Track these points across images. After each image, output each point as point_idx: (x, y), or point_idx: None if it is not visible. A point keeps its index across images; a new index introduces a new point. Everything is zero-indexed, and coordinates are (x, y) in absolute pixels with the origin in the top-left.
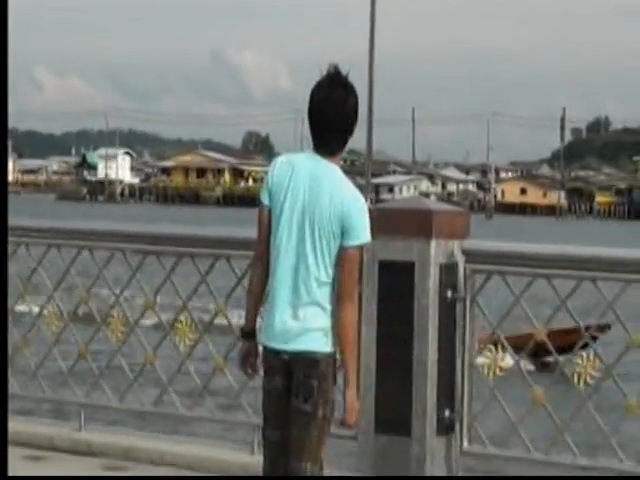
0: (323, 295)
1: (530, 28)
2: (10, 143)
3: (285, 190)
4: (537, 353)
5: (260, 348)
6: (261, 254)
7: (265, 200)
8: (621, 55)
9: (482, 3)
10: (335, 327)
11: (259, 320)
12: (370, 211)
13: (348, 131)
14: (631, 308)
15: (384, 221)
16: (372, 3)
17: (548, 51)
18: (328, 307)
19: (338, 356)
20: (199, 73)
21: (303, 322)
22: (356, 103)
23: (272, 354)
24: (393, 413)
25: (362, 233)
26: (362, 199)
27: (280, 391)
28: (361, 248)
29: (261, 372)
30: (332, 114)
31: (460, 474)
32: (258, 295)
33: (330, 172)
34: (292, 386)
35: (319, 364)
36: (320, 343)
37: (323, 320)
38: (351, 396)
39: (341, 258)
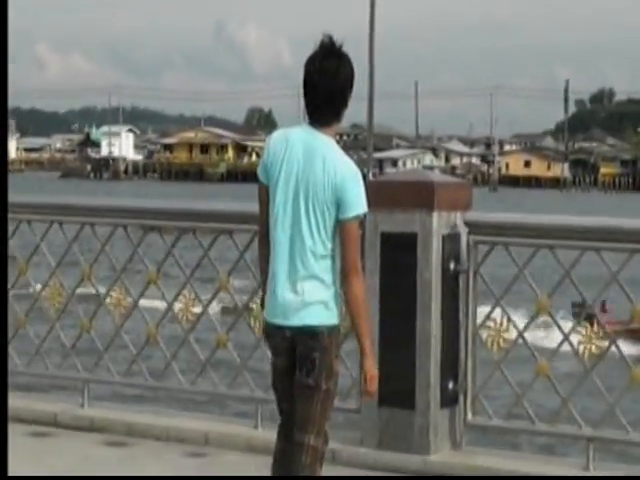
0: (321, 268)
1: None
2: (13, 122)
3: (280, 164)
4: None
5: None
6: (263, 233)
7: (262, 177)
8: (625, 26)
9: None
10: (337, 299)
11: None
12: (372, 183)
13: (341, 101)
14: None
15: (386, 193)
16: None
17: (551, 22)
18: (327, 280)
19: (342, 330)
20: (201, 49)
21: (302, 296)
22: (350, 73)
23: (275, 330)
24: (396, 386)
25: (357, 204)
26: (356, 169)
27: (285, 366)
28: (359, 219)
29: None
30: (324, 84)
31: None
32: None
33: (324, 143)
34: (296, 360)
35: (320, 337)
36: (321, 316)
37: (323, 293)
38: (369, 365)
39: (340, 231)
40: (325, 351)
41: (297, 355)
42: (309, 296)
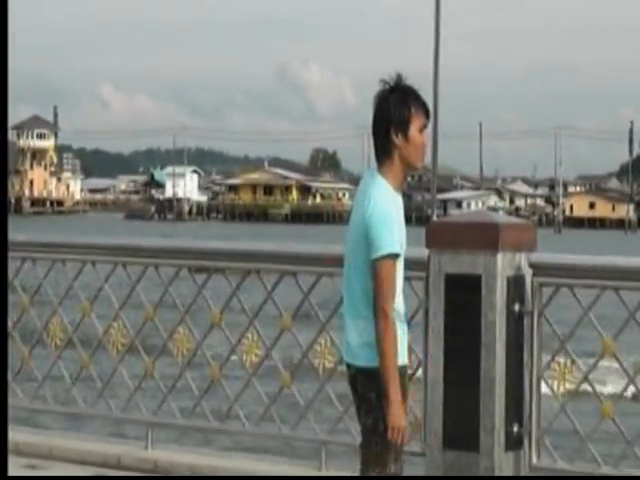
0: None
1: (595, 40)
2: (78, 162)
3: (354, 205)
4: None
5: None
6: None
7: None
8: None
9: (544, 18)
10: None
11: None
12: (436, 224)
13: (385, 135)
14: None
15: (450, 234)
16: (436, 18)
17: (614, 63)
18: None
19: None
20: (264, 90)
21: (360, 337)
22: (400, 105)
23: (347, 367)
24: (461, 428)
25: (380, 244)
26: (384, 208)
27: (356, 402)
28: (386, 260)
29: None
30: (374, 117)
31: None
32: None
33: (376, 185)
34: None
35: (376, 378)
36: (378, 358)
37: None
38: (392, 413)
39: (371, 271)
40: (381, 392)
41: (358, 394)
42: (365, 336)
